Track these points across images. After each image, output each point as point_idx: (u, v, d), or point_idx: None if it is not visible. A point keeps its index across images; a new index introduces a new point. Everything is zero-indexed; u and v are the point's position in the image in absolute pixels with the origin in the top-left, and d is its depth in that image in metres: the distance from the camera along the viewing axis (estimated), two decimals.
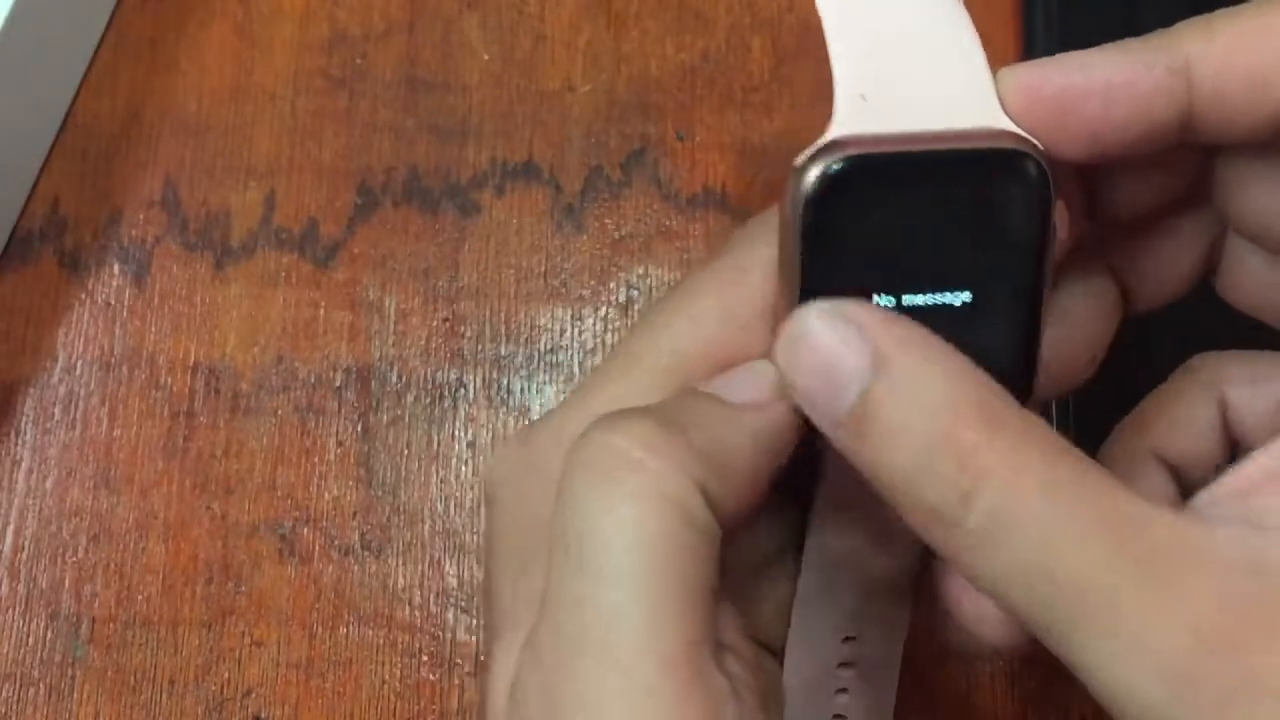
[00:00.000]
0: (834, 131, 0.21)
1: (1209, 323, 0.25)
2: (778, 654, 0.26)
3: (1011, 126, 0.21)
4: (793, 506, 0.24)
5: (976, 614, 0.22)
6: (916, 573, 0.24)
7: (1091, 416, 0.34)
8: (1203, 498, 0.19)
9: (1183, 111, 0.20)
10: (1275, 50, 0.20)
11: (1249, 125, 0.20)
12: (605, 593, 0.19)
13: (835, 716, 0.26)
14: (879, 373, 0.19)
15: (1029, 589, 0.18)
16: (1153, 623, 0.17)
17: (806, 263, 0.21)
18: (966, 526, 0.18)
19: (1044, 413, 0.34)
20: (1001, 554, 0.18)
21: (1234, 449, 0.25)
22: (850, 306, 0.20)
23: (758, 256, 0.22)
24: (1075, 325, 0.24)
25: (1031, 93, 0.21)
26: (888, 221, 0.21)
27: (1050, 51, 0.38)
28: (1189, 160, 0.23)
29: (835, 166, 0.20)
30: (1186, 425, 0.25)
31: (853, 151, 0.20)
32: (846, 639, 0.25)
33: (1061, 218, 0.21)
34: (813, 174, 0.20)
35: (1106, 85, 0.20)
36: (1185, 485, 0.25)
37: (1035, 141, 0.21)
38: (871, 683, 0.26)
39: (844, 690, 0.26)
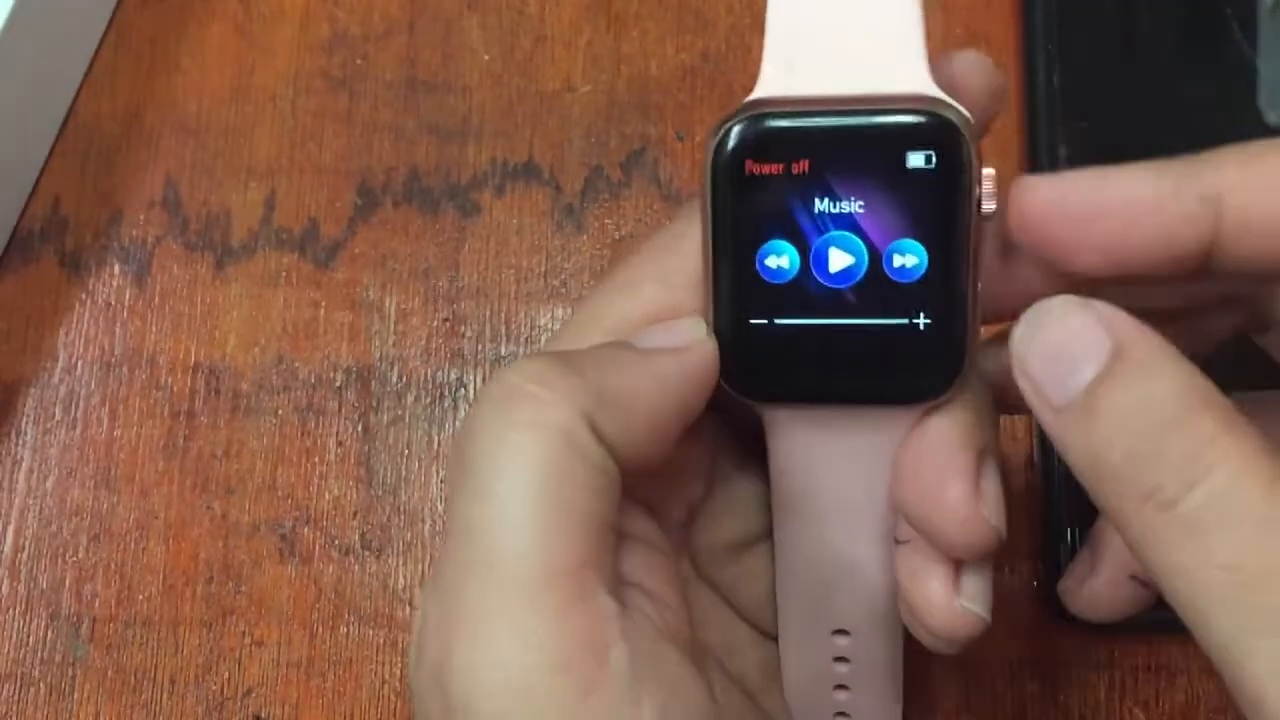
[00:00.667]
0: (754, 94, 0.21)
1: (1245, 362, 0.25)
2: (773, 639, 0.26)
3: (933, 92, 0.21)
4: (766, 489, 0.24)
5: (921, 599, 0.23)
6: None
7: None
8: None
9: (1206, 243, 0.20)
10: None
11: (1275, 262, 0.20)
12: (492, 514, 0.19)
13: (838, 715, 0.26)
14: (1117, 359, 0.19)
15: (1221, 587, 0.17)
16: None
17: (717, 219, 0.21)
18: (1183, 509, 0.18)
19: None
20: (1207, 544, 0.18)
21: None
22: (1099, 301, 0.20)
23: (693, 224, 0.22)
24: None
25: (1053, 203, 0.21)
26: (797, 180, 0.21)
27: (1050, 51, 0.38)
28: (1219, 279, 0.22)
29: (741, 123, 0.21)
30: None
31: (762, 110, 0.21)
32: (837, 631, 0.25)
33: (989, 191, 0.21)
34: (723, 133, 0.21)
35: (1131, 206, 0.20)
36: None
37: (959, 108, 0.20)
38: (872, 680, 0.26)
39: (844, 687, 0.26)
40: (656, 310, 0.23)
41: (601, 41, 0.39)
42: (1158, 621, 0.27)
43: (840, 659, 0.25)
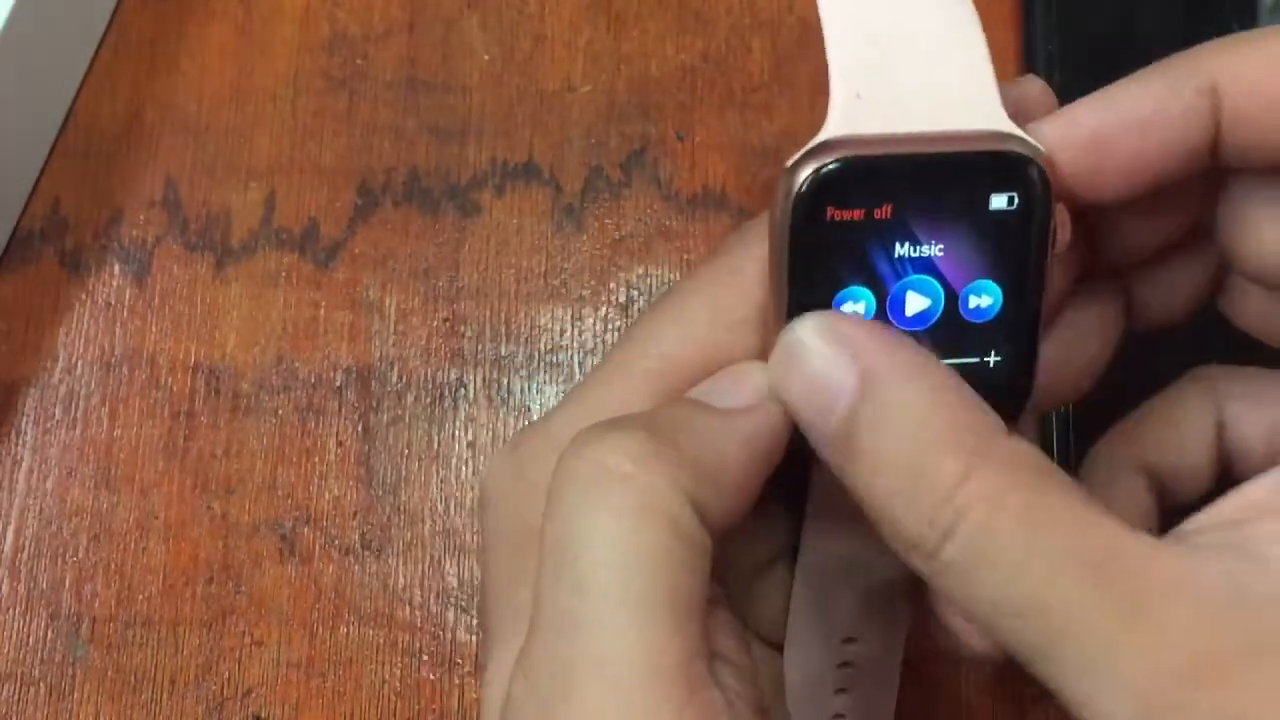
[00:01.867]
0: (827, 132, 0.20)
1: (1213, 334, 0.25)
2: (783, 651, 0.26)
3: (1012, 129, 0.20)
4: (793, 507, 0.24)
5: (964, 625, 0.22)
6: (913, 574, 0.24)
7: (1090, 426, 0.34)
8: (1190, 524, 0.19)
9: (1212, 134, 0.20)
10: None
11: (1275, 147, 0.20)
12: (597, 610, 0.18)
13: (835, 716, 0.26)
14: (865, 393, 0.19)
15: (1008, 620, 0.18)
16: (1130, 657, 0.17)
17: (795, 265, 0.21)
18: (943, 559, 0.18)
19: (1042, 421, 0.34)
20: (980, 586, 0.18)
21: (1222, 469, 0.25)
22: (844, 321, 0.20)
23: (750, 258, 0.22)
24: (1077, 340, 0.23)
25: (1065, 139, 0.20)
26: (879, 225, 0.20)
27: (1050, 51, 0.38)
28: (1191, 203, 0.22)
29: (826, 167, 0.20)
30: (1180, 436, 0.25)
31: (844, 153, 0.20)
32: (846, 640, 0.25)
33: (1062, 223, 0.20)
34: (803, 175, 0.20)
35: (1138, 117, 0.20)
36: (1167, 500, 0.25)
37: (1036, 144, 0.20)
38: (871, 682, 0.26)
39: (844, 690, 0.26)
40: (708, 350, 0.22)
41: (601, 41, 0.39)
42: None
43: (845, 664, 0.25)
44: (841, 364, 0.19)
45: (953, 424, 0.19)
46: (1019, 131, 0.20)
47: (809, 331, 0.20)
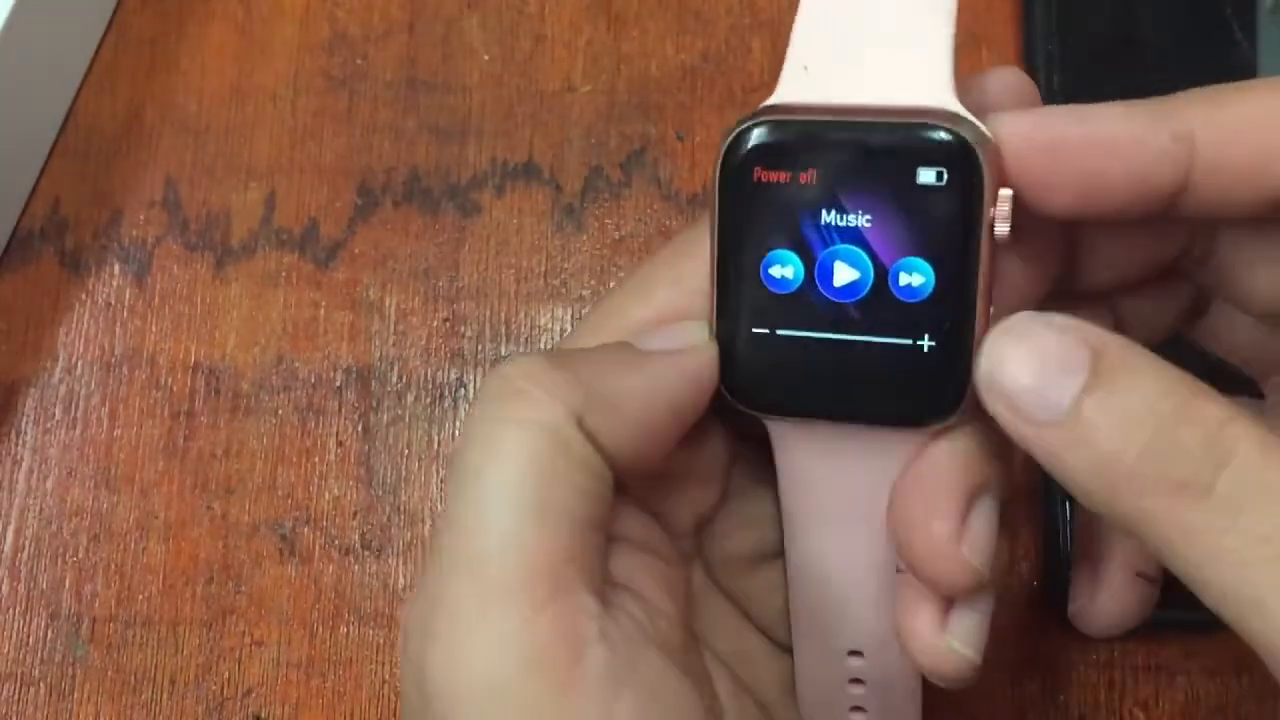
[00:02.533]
0: (771, 99, 0.21)
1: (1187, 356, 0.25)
2: (790, 654, 0.25)
3: (954, 108, 0.20)
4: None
5: (910, 632, 0.22)
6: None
7: None
8: None
9: (1180, 181, 0.20)
10: (1274, 127, 0.20)
11: (1250, 202, 0.20)
12: (475, 511, 0.20)
13: None
14: (1098, 366, 0.19)
15: (1271, 565, 0.17)
16: None
17: (725, 224, 0.21)
18: (1219, 493, 0.18)
19: None
20: (1246, 523, 0.17)
21: None
22: (1059, 315, 0.20)
23: (707, 229, 0.22)
24: None
25: (1024, 136, 0.20)
26: (805, 190, 0.21)
27: (1050, 51, 0.38)
28: (1179, 238, 0.22)
29: (750, 128, 0.21)
30: None
31: (776, 117, 0.21)
32: (852, 653, 0.24)
33: (1002, 214, 0.20)
34: (733, 137, 0.21)
35: (1109, 139, 0.20)
36: None
37: (977, 125, 0.20)
38: (888, 702, 0.25)
39: (860, 709, 0.25)
40: (668, 314, 0.23)
41: (601, 41, 0.39)
42: (1158, 621, 0.27)
43: (855, 680, 0.25)
44: (1070, 342, 0.19)
45: (1194, 384, 0.19)
46: (961, 111, 0.20)
47: (1029, 317, 0.20)
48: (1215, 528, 0.18)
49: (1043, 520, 0.33)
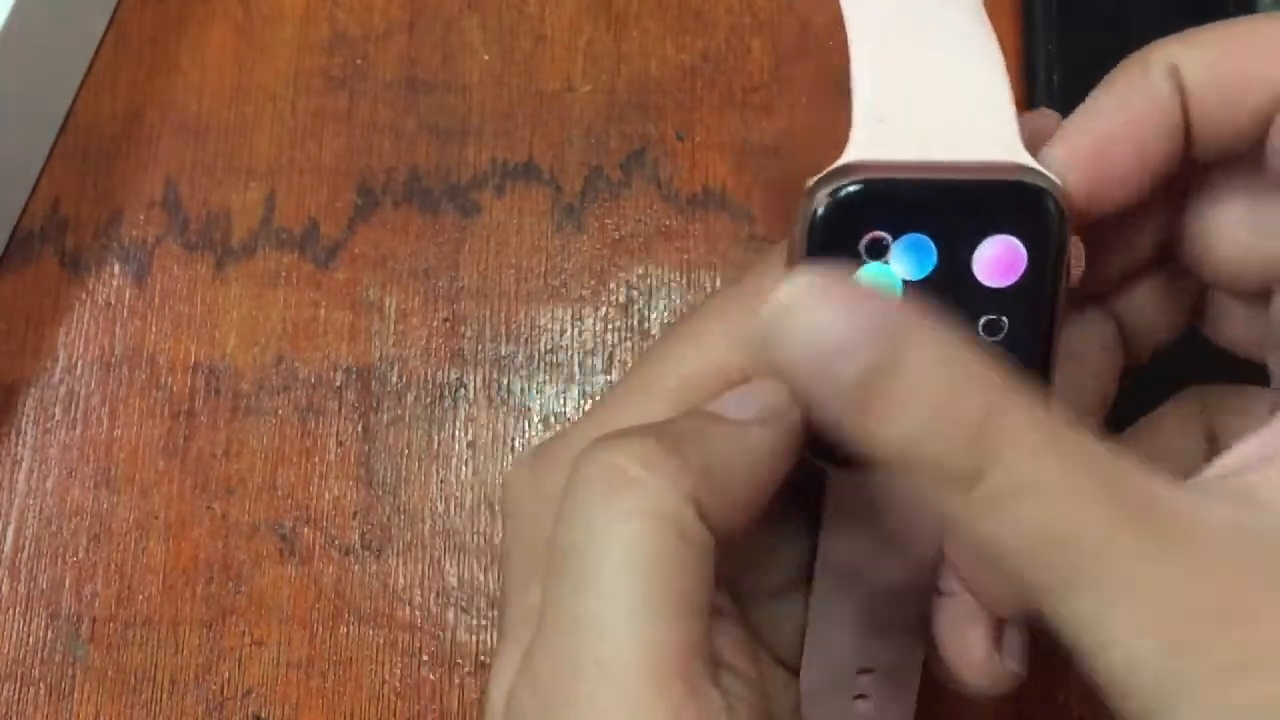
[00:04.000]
0: (848, 155, 0.20)
1: (1200, 356, 0.25)
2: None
3: (1029, 161, 0.20)
4: (807, 533, 0.24)
5: (960, 651, 0.23)
6: (931, 582, 0.24)
7: None
8: (1196, 479, 0.19)
9: (1181, 125, 0.21)
10: (1251, 53, 0.20)
11: (1230, 134, 0.20)
12: (599, 609, 0.19)
13: None
14: (885, 340, 0.18)
15: (1035, 552, 0.17)
16: (1158, 591, 0.17)
17: None
18: (986, 486, 0.18)
19: None
20: (1015, 518, 0.18)
21: None
22: (833, 279, 0.19)
23: (769, 281, 0.21)
24: (1086, 365, 0.24)
25: (1071, 159, 0.21)
26: (896, 250, 0.21)
27: (1050, 51, 0.38)
28: (1158, 217, 0.23)
29: (844, 190, 0.20)
30: (1172, 455, 0.25)
31: (863, 176, 0.20)
32: (862, 671, 0.25)
33: (1076, 257, 0.20)
34: (821, 196, 0.20)
35: (1123, 120, 0.20)
36: None
37: (1052, 176, 0.20)
38: (891, 692, 0.25)
39: (863, 696, 0.26)
40: (727, 370, 0.22)
41: (601, 41, 0.39)
42: None
43: (860, 696, 0.25)
44: (856, 310, 0.18)
45: (980, 362, 0.18)
46: (1036, 164, 0.20)
47: (803, 292, 0.19)
48: (977, 519, 0.18)
49: None
